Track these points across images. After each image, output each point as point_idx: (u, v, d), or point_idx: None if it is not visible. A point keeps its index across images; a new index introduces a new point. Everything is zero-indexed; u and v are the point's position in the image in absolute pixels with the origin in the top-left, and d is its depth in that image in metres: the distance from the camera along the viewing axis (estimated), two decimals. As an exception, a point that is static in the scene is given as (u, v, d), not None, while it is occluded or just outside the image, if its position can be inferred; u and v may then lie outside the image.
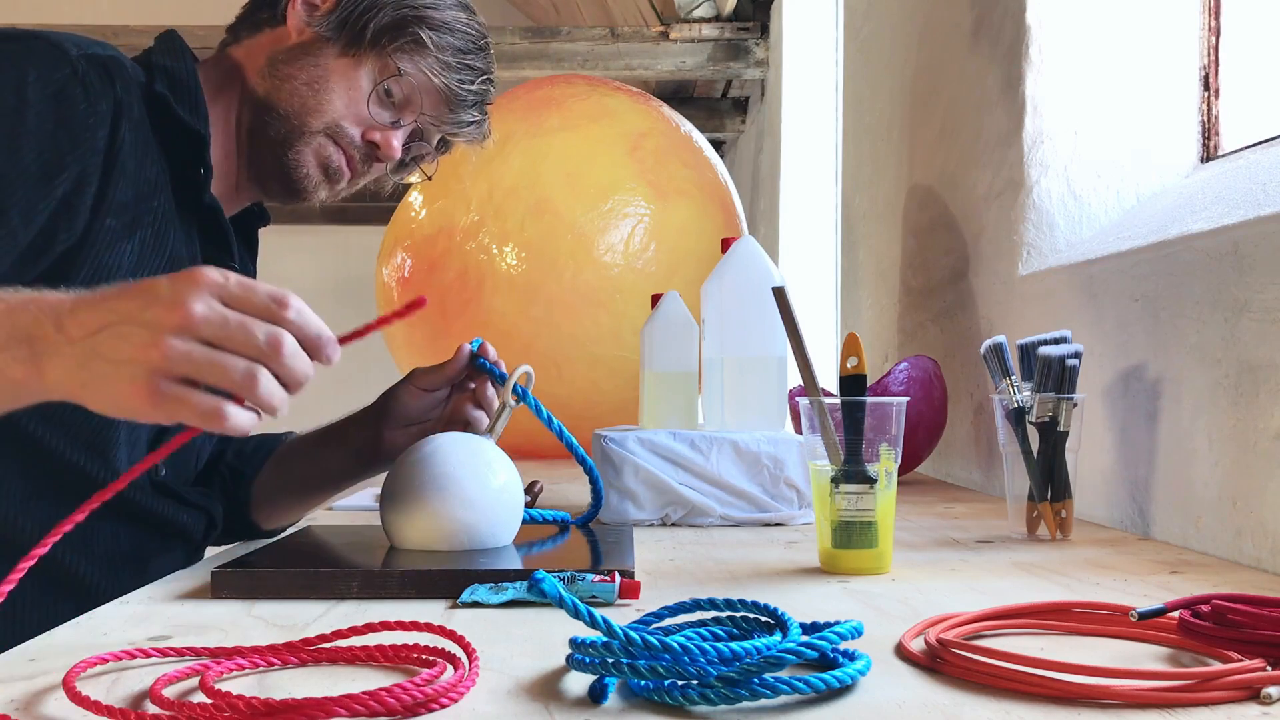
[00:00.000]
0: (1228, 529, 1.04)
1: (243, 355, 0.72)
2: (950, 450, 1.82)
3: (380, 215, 3.11)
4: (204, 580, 0.92)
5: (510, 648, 0.70)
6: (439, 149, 1.25)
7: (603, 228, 2.22)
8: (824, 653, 0.62)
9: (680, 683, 0.58)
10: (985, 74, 1.68)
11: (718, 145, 4.90)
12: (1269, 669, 0.61)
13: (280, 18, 1.16)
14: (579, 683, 0.62)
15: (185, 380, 0.72)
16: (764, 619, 0.68)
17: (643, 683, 0.59)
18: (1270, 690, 0.58)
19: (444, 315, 2.24)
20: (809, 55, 3.52)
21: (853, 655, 0.63)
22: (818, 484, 0.97)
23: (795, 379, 1.18)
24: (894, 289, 2.17)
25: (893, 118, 2.20)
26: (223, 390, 0.72)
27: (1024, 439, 1.16)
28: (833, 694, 0.60)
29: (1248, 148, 1.33)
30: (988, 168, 1.67)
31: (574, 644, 0.62)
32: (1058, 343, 1.14)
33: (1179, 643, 0.70)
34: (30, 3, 4.83)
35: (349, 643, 0.68)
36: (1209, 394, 1.08)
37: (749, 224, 2.89)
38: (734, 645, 0.59)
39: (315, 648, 0.68)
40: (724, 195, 2.43)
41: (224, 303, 0.72)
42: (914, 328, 2.05)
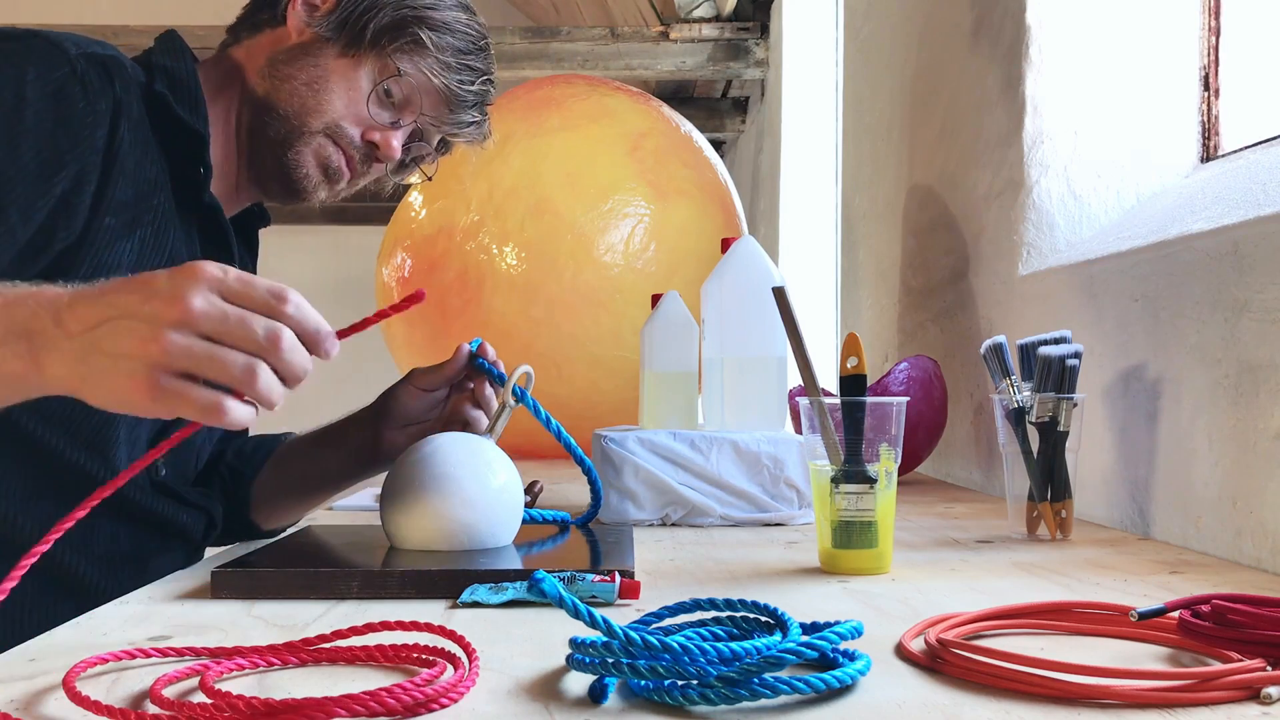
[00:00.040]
0: (1228, 529, 1.04)
1: (242, 350, 0.72)
2: (950, 450, 1.82)
3: (380, 215, 3.11)
4: (204, 580, 0.92)
5: (510, 648, 0.70)
6: (439, 150, 1.25)
7: (603, 228, 2.21)
8: (824, 653, 0.62)
9: (680, 683, 0.58)
10: (985, 74, 1.68)
11: (718, 145, 4.90)
12: (1269, 669, 0.61)
13: (280, 18, 1.16)
14: (579, 683, 0.62)
15: (185, 375, 0.72)
16: (764, 619, 0.68)
17: (643, 683, 0.59)
18: (1270, 690, 0.58)
19: (444, 315, 2.24)
20: (809, 55, 3.52)
21: (853, 655, 0.63)
22: (818, 484, 0.97)
23: (795, 379, 1.18)
24: (894, 289, 2.17)
25: (893, 118, 2.20)
26: (221, 385, 0.72)
27: (1024, 439, 1.16)
28: (833, 694, 0.60)
29: (1248, 148, 1.33)
30: (988, 168, 1.67)
31: (574, 644, 0.62)
32: (1058, 343, 1.14)
33: (1179, 643, 0.70)
34: (30, 3, 4.84)
35: (349, 643, 0.68)
36: (1209, 394, 1.08)
37: (749, 224, 2.89)
38: (734, 645, 0.59)
39: (315, 648, 0.68)
40: (724, 195, 2.43)
41: (223, 297, 0.72)
42: (914, 328, 2.05)
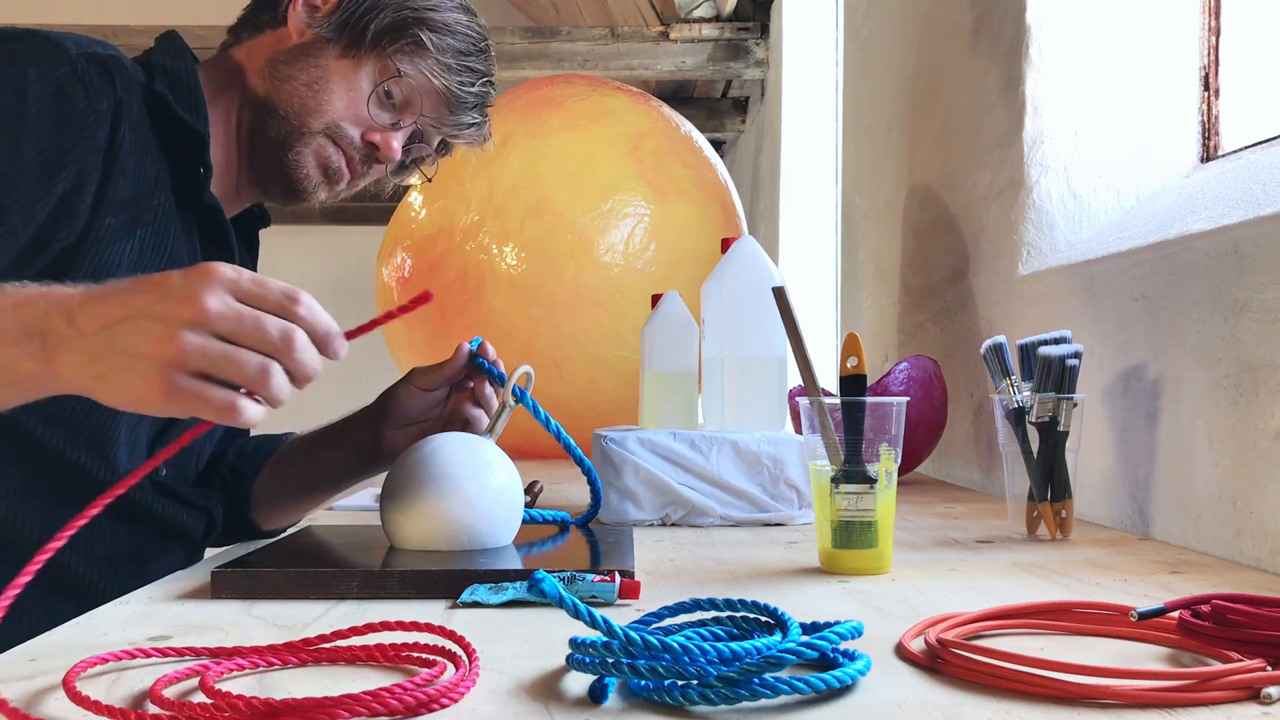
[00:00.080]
0: (1228, 529, 1.04)
1: (256, 350, 0.72)
2: (950, 450, 1.82)
3: (380, 215, 3.11)
4: (204, 580, 0.92)
5: (510, 648, 0.70)
6: (439, 151, 1.25)
7: (603, 228, 2.21)
8: (824, 653, 0.62)
9: (680, 683, 0.58)
10: (985, 74, 1.68)
11: (718, 145, 4.90)
12: (1269, 669, 0.61)
13: (281, 19, 1.16)
14: (579, 683, 0.62)
15: (199, 375, 0.72)
16: (764, 619, 0.68)
17: (643, 683, 0.59)
18: (1270, 690, 0.58)
19: (444, 315, 2.24)
20: (809, 55, 3.52)
21: (853, 655, 0.63)
22: (818, 484, 0.97)
23: (795, 379, 1.18)
24: (894, 289, 2.17)
25: (893, 118, 2.20)
26: (233, 384, 0.73)
27: (1024, 439, 1.16)
28: (833, 694, 0.60)
29: (1248, 148, 1.33)
30: (988, 168, 1.67)
31: (574, 644, 0.62)
32: (1058, 343, 1.14)
33: (1179, 643, 0.70)
34: (30, 3, 4.84)
35: (349, 643, 0.68)
36: (1209, 394, 1.08)
37: (749, 224, 2.89)
38: (734, 645, 0.59)
39: (315, 648, 0.68)
40: (724, 195, 2.43)
41: (237, 298, 0.73)
42: (914, 328, 2.05)
